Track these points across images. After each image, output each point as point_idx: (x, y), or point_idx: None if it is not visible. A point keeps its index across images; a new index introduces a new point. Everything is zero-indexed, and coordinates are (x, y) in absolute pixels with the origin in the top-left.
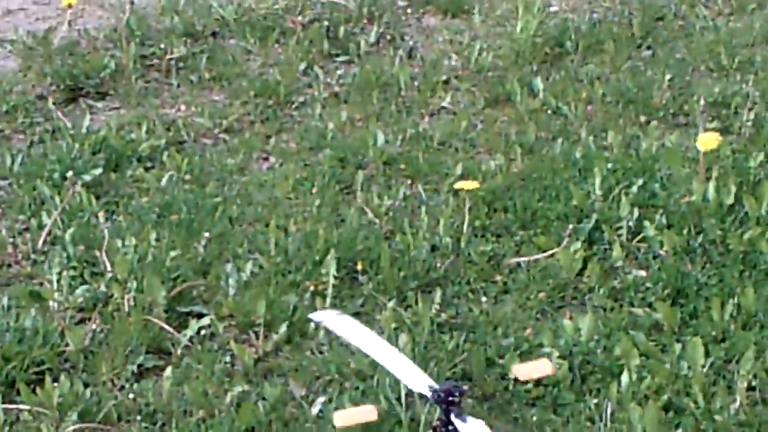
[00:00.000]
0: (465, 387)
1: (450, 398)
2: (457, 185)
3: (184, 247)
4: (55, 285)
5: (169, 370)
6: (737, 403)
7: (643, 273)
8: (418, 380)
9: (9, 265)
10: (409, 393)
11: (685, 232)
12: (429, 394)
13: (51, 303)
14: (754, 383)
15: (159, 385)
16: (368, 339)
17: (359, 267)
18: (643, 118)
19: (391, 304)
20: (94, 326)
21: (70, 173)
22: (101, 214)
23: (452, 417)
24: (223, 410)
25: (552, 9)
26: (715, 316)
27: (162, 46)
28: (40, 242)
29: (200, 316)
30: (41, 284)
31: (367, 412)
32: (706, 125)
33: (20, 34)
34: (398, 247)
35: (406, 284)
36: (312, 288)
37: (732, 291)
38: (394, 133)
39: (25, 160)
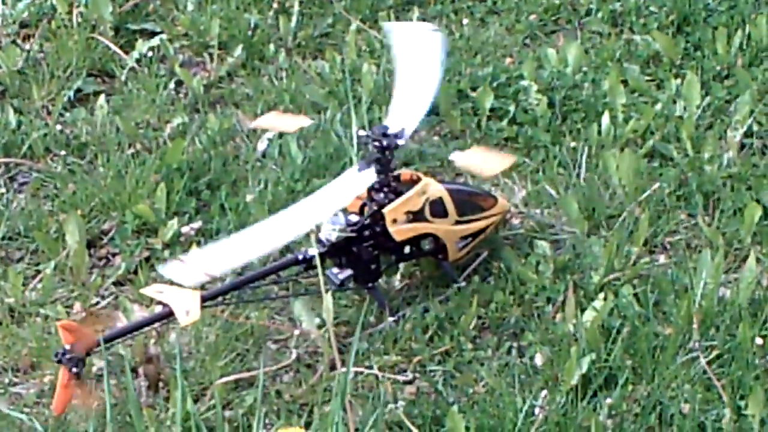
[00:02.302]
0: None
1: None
2: None
3: None
4: None
5: (102, 99)
6: (730, 153)
7: None
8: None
9: None
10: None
11: None
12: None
13: None
14: (751, 128)
15: (93, 116)
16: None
17: None
18: None
19: (354, 27)
20: (33, 45)
21: None
22: None
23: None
24: (160, 144)
25: None
26: (720, 49)
27: None
28: None
29: (152, 35)
30: None
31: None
32: None
33: None
34: None
35: (383, 2)
36: (276, 4)
37: (743, 18)
38: None
39: None
